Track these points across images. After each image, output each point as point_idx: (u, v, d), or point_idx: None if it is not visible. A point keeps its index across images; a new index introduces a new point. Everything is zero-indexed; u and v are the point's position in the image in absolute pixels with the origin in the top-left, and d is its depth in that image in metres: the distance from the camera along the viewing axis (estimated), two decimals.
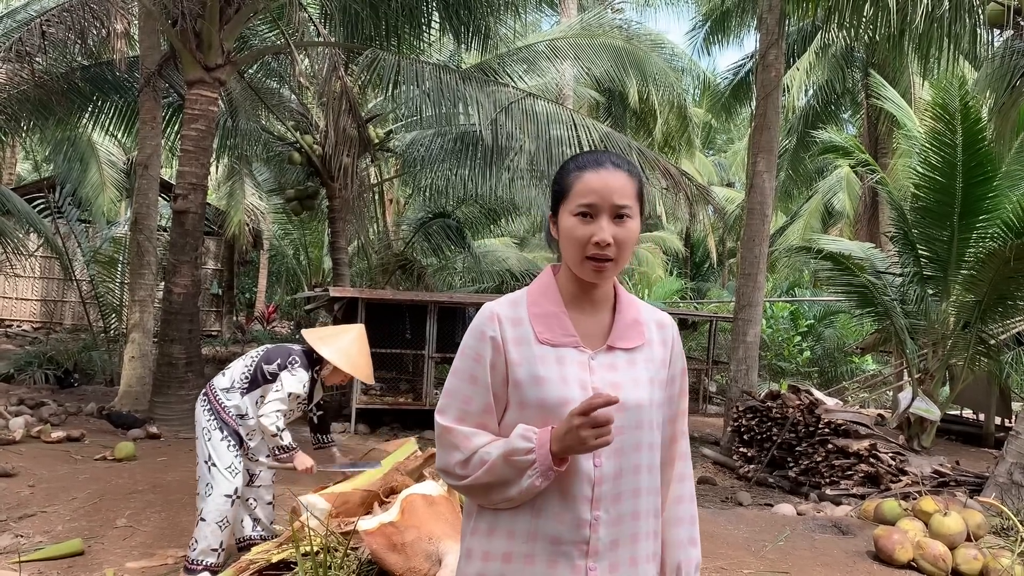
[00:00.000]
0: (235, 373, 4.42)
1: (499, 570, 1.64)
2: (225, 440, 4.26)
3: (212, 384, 4.44)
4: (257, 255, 22.26)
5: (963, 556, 4.90)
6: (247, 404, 4.37)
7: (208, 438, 4.26)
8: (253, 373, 4.38)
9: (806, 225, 21.11)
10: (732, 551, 5.22)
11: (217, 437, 4.26)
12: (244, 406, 4.36)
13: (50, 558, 4.54)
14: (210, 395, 4.38)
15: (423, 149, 13.89)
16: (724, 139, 37.66)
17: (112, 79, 11.36)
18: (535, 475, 1.56)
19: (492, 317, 1.70)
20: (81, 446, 7.59)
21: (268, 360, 4.40)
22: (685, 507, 1.79)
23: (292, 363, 4.33)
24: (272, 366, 4.35)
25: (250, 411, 4.37)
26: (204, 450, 4.27)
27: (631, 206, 1.65)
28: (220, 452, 4.24)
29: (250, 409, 4.37)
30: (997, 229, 8.27)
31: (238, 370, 4.43)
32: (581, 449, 1.53)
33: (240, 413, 4.36)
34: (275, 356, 4.40)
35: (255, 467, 4.53)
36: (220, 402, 4.34)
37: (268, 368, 4.36)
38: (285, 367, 4.32)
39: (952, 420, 12.34)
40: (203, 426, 4.30)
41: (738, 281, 10.40)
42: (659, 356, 1.74)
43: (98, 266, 13.08)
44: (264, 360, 4.41)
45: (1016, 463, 5.98)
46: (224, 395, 4.36)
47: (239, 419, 4.35)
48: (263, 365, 4.39)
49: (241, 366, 4.45)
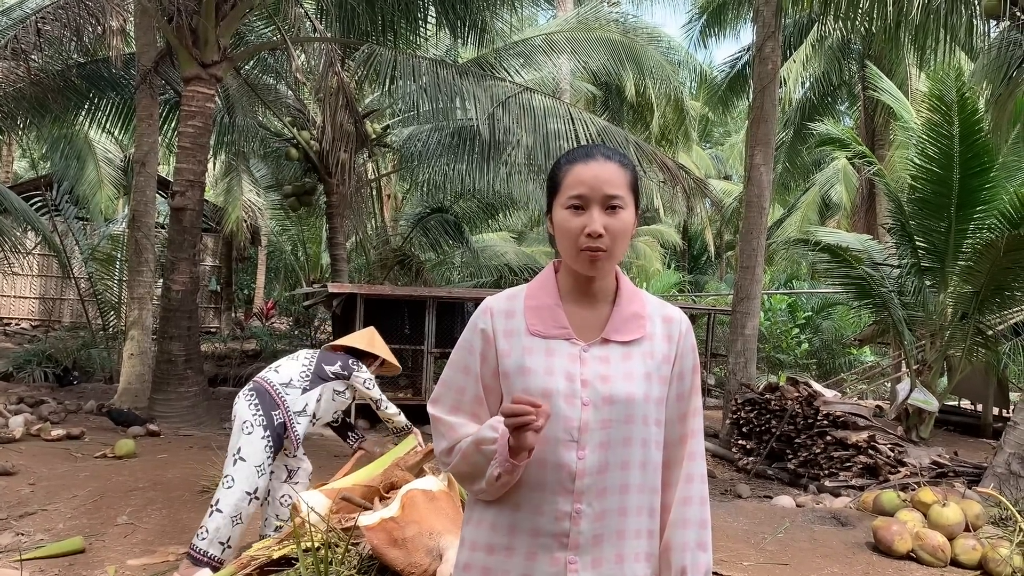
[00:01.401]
0: (292, 372, 4.48)
1: (483, 560, 1.66)
2: (264, 439, 4.24)
3: (268, 379, 4.43)
4: (255, 251, 22.25)
5: (962, 546, 4.92)
6: (309, 400, 4.45)
7: (248, 432, 4.23)
8: (312, 372, 4.50)
9: (803, 217, 21.11)
10: (732, 543, 5.24)
11: (259, 434, 4.23)
12: (303, 403, 4.43)
13: (51, 556, 4.55)
14: (267, 389, 4.36)
15: (420, 144, 13.89)
16: (721, 132, 37.62)
17: (108, 76, 11.33)
18: (495, 465, 1.58)
19: (486, 311, 1.73)
20: (81, 444, 7.60)
21: (328, 361, 4.59)
22: (693, 509, 1.72)
23: (357, 365, 4.62)
24: (335, 367, 4.56)
25: (309, 407, 4.45)
26: (237, 443, 4.25)
27: (623, 196, 1.64)
28: (255, 449, 4.22)
29: (310, 406, 4.45)
30: (994, 220, 8.29)
31: (295, 369, 4.50)
32: (520, 446, 1.53)
33: (297, 409, 4.40)
34: (332, 359, 4.62)
35: (295, 463, 4.58)
36: (280, 396, 4.36)
37: (331, 368, 4.55)
38: (351, 368, 4.58)
39: (950, 411, 12.36)
40: (246, 419, 4.26)
41: (736, 274, 10.42)
42: (661, 351, 1.71)
43: (96, 264, 13.09)
44: (324, 361, 4.59)
45: (1014, 453, 6.00)
46: (283, 389, 4.39)
47: (296, 415, 4.38)
48: (324, 366, 4.55)
49: (297, 366, 4.53)
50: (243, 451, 4.22)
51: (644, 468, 1.66)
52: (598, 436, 1.61)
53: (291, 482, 4.55)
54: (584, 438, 1.61)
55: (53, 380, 11.35)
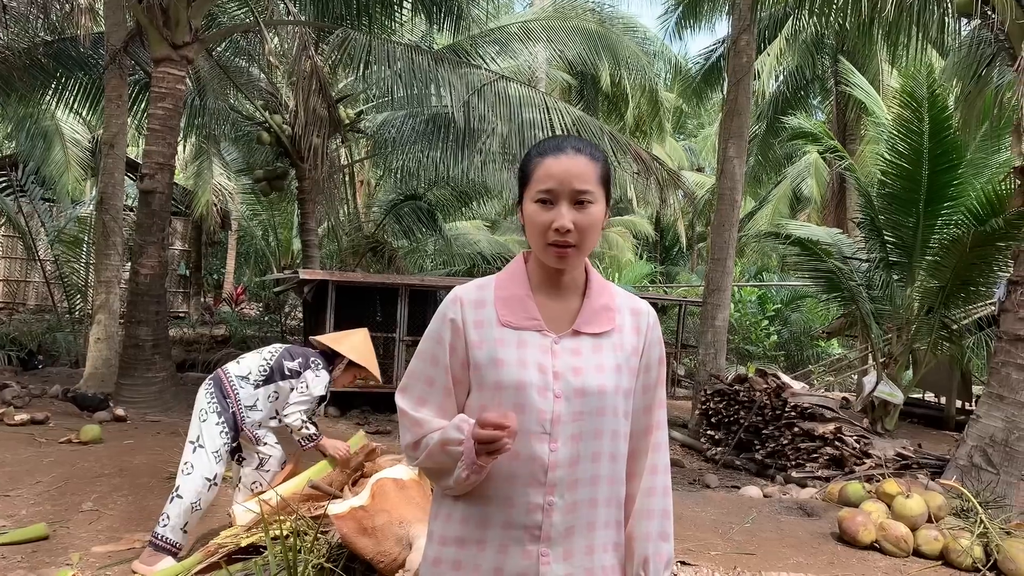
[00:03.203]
0: (252, 365, 4.45)
1: (454, 555, 1.65)
2: (220, 425, 4.30)
3: (226, 370, 4.46)
4: (225, 236, 21.98)
5: (924, 537, 5.00)
6: (259, 396, 4.42)
7: (204, 419, 4.29)
8: (271, 368, 4.43)
9: (775, 210, 21.28)
10: (699, 533, 5.29)
11: (213, 420, 4.29)
12: (254, 398, 4.41)
13: (14, 543, 4.48)
14: (222, 379, 4.40)
15: (394, 130, 13.80)
16: (695, 124, 37.79)
17: (76, 55, 11.10)
18: (462, 467, 1.58)
19: (455, 300, 1.71)
20: (46, 429, 7.49)
21: (289, 357, 4.48)
22: (657, 500, 1.73)
23: (316, 364, 4.44)
24: (293, 363, 4.44)
25: (259, 403, 4.43)
26: (196, 430, 4.30)
27: (592, 191, 1.63)
28: (212, 435, 4.27)
29: (260, 402, 4.43)
30: (961, 216, 8.41)
31: (255, 362, 4.47)
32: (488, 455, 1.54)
33: (248, 404, 4.40)
34: (297, 354, 4.49)
35: (267, 451, 4.54)
36: (234, 388, 4.37)
37: (289, 364, 4.43)
38: (308, 367, 4.41)
39: (915, 403, 12.58)
40: (202, 407, 4.33)
41: (707, 266, 10.48)
42: (630, 343, 1.71)
43: (62, 246, 12.87)
44: (284, 356, 4.48)
45: (976, 446, 6.11)
46: (239, 381, 4.40)
47: (246, 408, 4.39)
48: (283, 361, 4.45)
49: (259, 359, 4.49)
50: (201, 438, 4.27)
51: (613, 460, 1.67)
52: (570, 428, 1.62)
53: (262, 470, 4.53)
54: (556, 430, 1.61)
55: (17, 364, 11.17)
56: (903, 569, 4.79)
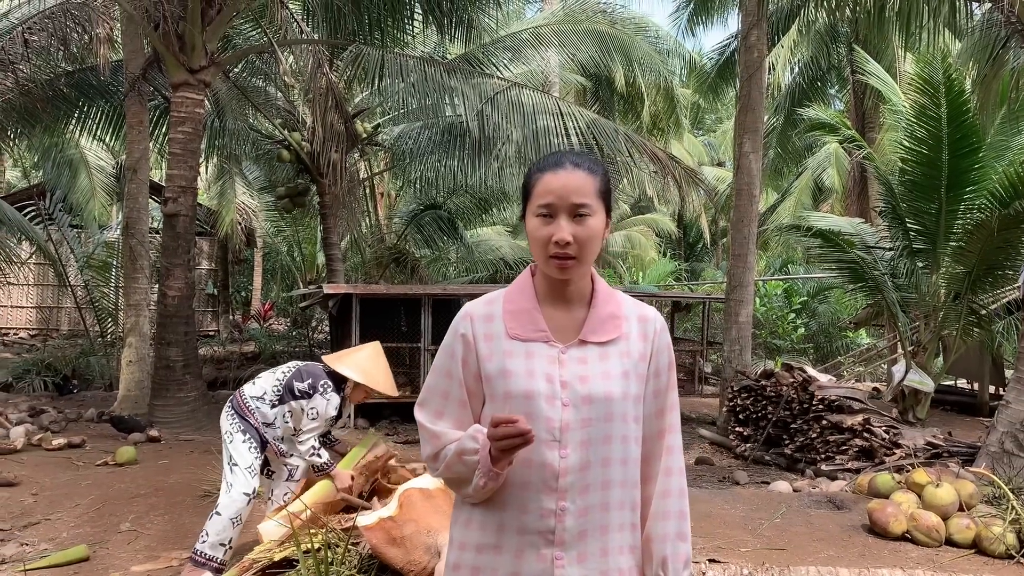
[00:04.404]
0: (266, 385, 4.55)
1: (473, 560, 1.71)
2: (247, 443, 4.42)
3: (242, 391, 4.58)
4: (251, 253, 22.25)
5: (956, 526, 4.97)
6: (275, 416, 4.52)
7: (230, 440, 4.42)
8: (283, 388, 4.51)
9: (797, 202, 21.16)
10: (729, 530, 5.29)
11: (239, 439, 4.41)
12: (272, 416, 4.51)
13: (56, 565, 4.59)
14: (238, 401, 4.53)
15: (411, 142, 13.92)
16: (713, 119, 37.62)
17: (97, 84, 11.34)
18: (479, 475, 1.63)
19: (466, 316, 1.79)
20: (82, 452, 7.64)
21: (300, 378, 4.53)
22: (673, 502, 1.77)
23: (326, 387, 4.47)
24: (304, 384, 4.49)
25: (277, 422, 4.53)
26: (227, 452, 4.43)
27: (590, 204, 1.68)
28: (241, 453, 4.39)
29: (277, 420, 4.53)
30: (984, 200, 8.33)
31: (269, 383, 4.55)
32: (503, 458, 1.60)
33: (267, 422, 4.51)
34: (307, 375, 4.53)
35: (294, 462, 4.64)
36: (249, 407, 4.49)
37: (299, 386, 4.49)
38: (317, 389, 4.45)
39: (947, 391, 12.43)
40: (226, 429, 4.47)
41: (729, 262, 10.46)
42: (637, 350, 1.76)
43: (92, 271, 13.10)
44: (296, 377, 4.53)
45: (1007, 432, 6.05)
46: (254, 402, 4.51)
47: (265, 426, 4.51)
48: (294, 382, 4.51)
49: (272, 379, 4.57)
50: (233, 458, 4.39)
51: (625, 464, 1.71)
52: (579, 435, 1.67)
53: (291, 481, 4.63)
54: (566, 437, 1.66)
55: (53, 389, 11.38)
56: (935, 559, 4.76)
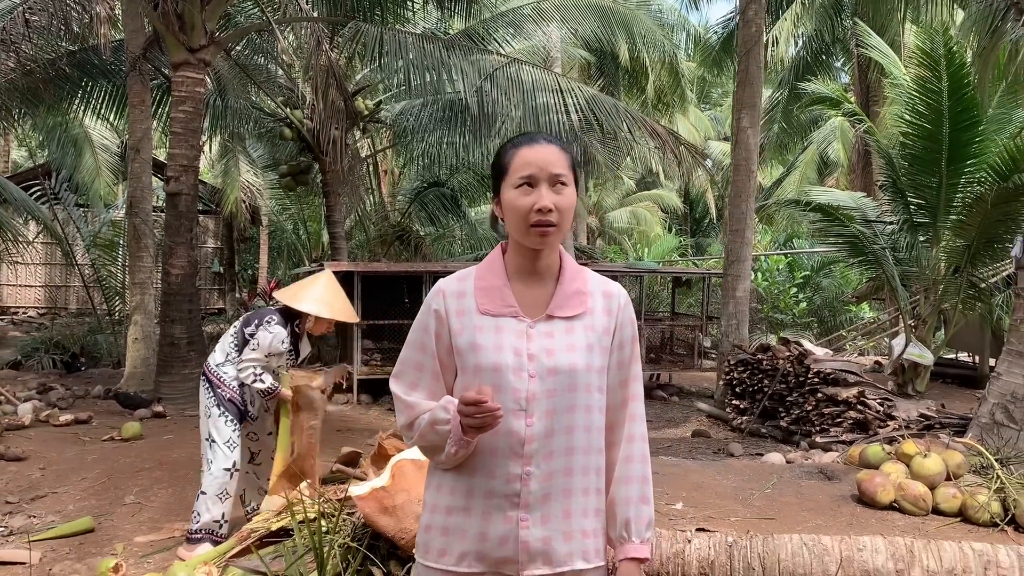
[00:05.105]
0: (225, 346, 4.59)
1: (443, 521, 1.81)
2: (223, 416, 4.45)
3: (207, 363, 4.61)
4: (256, 231, 22.34)
5: (943, 495, 5.05)
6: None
7: (208, 415, 4.47)
8: (238, 341, 4.54)
9: (802, 176, 21.10)
10: (720, 500, 5.38)
11: (216, 414, 4.45)
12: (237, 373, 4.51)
13: (62, 536, 4.72)
14: (208, 374, 4.56)
15: (413, 119, 13.91)
16: (720, 93, 37.32)
17: (99, 63, 11.35)
18: (451, 443, 1.72)
19: (438, 292, 1.86)
20: (89, 428, 7.78)
21: (247, 323, 4.57)
22: (636, 467, 1.87)
23: (268, 321, 4.46)
24: (251, 327, 4.51)
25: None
26: (205, 428, 4.48)
27: (566, 175, 1.78)
28: (219, 427, 4.43)
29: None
30: (984, 174, 8.33)
31: (226, 342, 4.60)
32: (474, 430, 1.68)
33: (238, 382, 4.52)
34: (253, 319, 4.57)
35: (256, 446, 4.72)
36: (218, 376, 4.51)
37: (248, 330, 4.51)
38: (261, 326, 4.46)
39: (947, 364, 12.48)
40: (204, 404, 4.51)
41: (726, 237, 10.49)
42: (601, 324, 1.84)
43: (98, 250, 13.22)
44: (244, 324, 4.58)
45: (997, 403, 6.11)
46: (219, 369, 4.53)
47: (239, 388, 4.51)
48: (244, 329, 4.54)
49: (228, 339, 4.61)
50: (211, 434, 4.43)
51: (588, 431, 1.80)
52: (544, 404, 1.75)
53: (254, 463, 4.73)
54: (531, 407, 1.75)
55: (61, 367, 11.53)
56: (922, 527, 4.85)
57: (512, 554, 1.74)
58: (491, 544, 1.75)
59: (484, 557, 1.75)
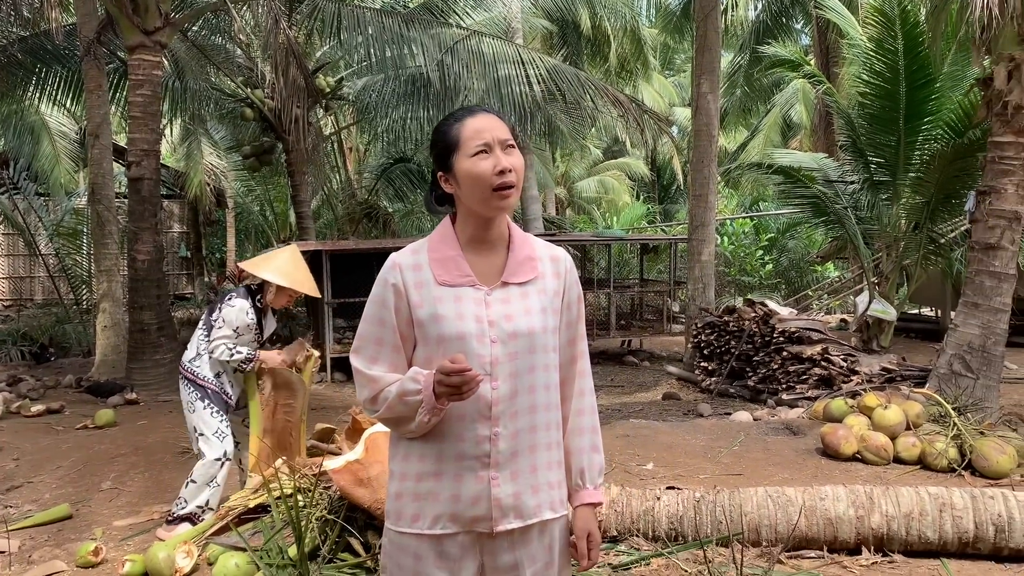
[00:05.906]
0: (195, 342, 4.57)
1: (413, 488, 1.87)
2: (208, 408, 4.44)
3: (182, 361, 4.58)
4: (223, 214, 22.10)
5: (903, 444, 5.23)
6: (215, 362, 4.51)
7: (192, 410, 4.45)
8: (207, 331, 4.52)
9: (766, 139, 21.24)
10: (689, 459, 5.52)
11: (200, 407, 4.43)
12: (213, 365, 4.51)
13: (40, 524, 4.73)
14: (184, 372, 4.55)
15: (376, 95, 13.81)
16: (683, 59, 37.28)
17: (52, 49, 11.14)
18: (423, 412, 1.78)
19: (394, 266, 1.91)
20: (62, 417, 7.75)
21: (211, 311, 4.56)
22: (586, 418, 1.99)
23: (229, 299, 4.47)
24: (215, 312, 4.50)
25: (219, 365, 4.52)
26: (191, 423, 4.47)
27: (512, 140, 1.86)
28: (205, 420, 4.42)
29: (218, 364, 4.51)
30: (940, 131, 8.50)
31: (197, 337, 4.59)
32: (450, 399, 1.74)
33: (216, 372, 4.51)
34: (215, 304, 4.57)
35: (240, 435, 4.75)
36: (194, 372, 4.49)
37: (212, 317, 4.51)
38: (223, 305, 4.46)
39: (911, 318, 12.76)
40: (186, 400, 4.48)
41: (690, 203, 10.58)
42: (551, 287, 1.92)
43: (62, 239, 13.04)
44: (208, 314, 4.58)
45: (955, 354, 6.29)
46: (193, 365, 4.50)
47: (216, 379, 4.50)
48: (208, 318, 4.54)
49: (198, 332, 4.61)
50: (198, 428, 4.44)
51: (548, 389, 1.89)
52: (507, 368, 1.82)
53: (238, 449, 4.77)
54: (496, 371, 1.82)
55: (30, 358, 11.42)
56: (883, 476, 5.02)
57: (485, 512, 1.82)
58: (464, 504, 1.82)
59: (458, 517, 1.83)
